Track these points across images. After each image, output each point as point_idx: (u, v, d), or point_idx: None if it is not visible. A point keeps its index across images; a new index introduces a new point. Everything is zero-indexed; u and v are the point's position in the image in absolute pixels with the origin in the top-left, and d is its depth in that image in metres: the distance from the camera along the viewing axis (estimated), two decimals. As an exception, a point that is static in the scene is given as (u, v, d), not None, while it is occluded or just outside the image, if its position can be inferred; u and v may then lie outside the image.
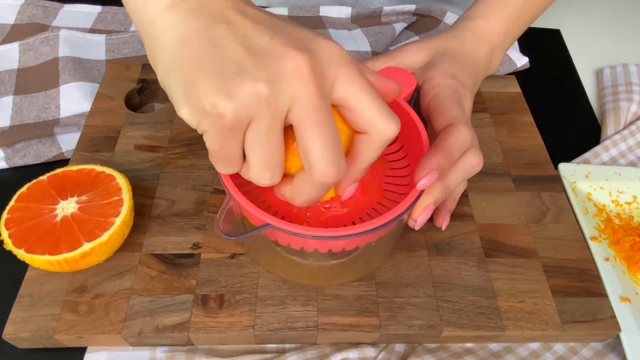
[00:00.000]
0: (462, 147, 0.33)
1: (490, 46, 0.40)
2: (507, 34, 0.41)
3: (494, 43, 0.40)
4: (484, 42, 0.40)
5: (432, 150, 0.31)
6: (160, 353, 0.36)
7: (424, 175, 0.30)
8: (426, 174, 0.30)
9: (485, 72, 0.41)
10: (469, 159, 0.34)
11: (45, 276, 0.36)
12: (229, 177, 0.29)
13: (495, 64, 0.42)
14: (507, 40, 0.41)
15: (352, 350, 0.36)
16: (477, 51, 0.39)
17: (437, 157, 0.31)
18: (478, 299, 0.37)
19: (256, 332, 0.35)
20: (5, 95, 0.51)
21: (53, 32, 0.54)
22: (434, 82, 0.36)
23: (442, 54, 0.38)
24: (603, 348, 0.38)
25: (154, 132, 0.46)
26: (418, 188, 0.30)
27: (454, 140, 0.32)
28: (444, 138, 0.32)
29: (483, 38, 0.40)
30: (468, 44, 0.39)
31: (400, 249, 0.40)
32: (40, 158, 0.46)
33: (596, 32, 0.69)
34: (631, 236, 0.43)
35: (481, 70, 0.40)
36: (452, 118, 0.33)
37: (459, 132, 0.32)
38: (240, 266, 0.38)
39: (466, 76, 0.37)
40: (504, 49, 0.41)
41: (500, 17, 0.40)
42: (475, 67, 0.39)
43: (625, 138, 0.52)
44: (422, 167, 0.30)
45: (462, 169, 0.34)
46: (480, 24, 0.40)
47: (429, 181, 0.30)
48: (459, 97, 0.35)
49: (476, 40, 0.40)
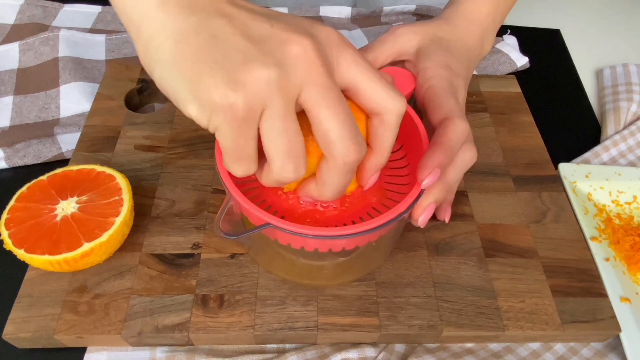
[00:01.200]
0: (460, 141, 0.33)
1: (481, 30, 0.40)
2: (495, 14, 0.41)
3: (483, 26, 0.40)
4: (475, 27, 0.40)
5: (432, 148, 0.31)
6: (160, 353, 0.36)
7: (427, 174, 0.30)
8: (429, 172, 0.30)
9: (477, 57, 0.41)
10: (464, 153, 0.34)
11: (45, 276, 0.36)
12: (229, 177, 0.29)
13: (487, 47, 0.42)
14: (496, 21, 0.41)
15: (352, 350, 0.36)
16: (469, 37, 0.39)
17: (438, 154, 0.31)
18: (478, 299, 0.37)
19: (256, 332, 0.35)
20: (5, 95, 0.51)
21: (53, 32, 0.54)
22: (428, 74, 0.36)
23: (435, 42, 0.38)
24: (603, 348, 0.38)
25: (154, 132, 0.46)
26: (422, 187, 0.30)
27: (452, 135, 0.32)
28: (442, 134, 0.32)
29: (473, 22, 0.40)
30: (460, 30, 0.39)
31: (400, 249, 0.40)
32: (40, 158, 0.46)
33: (596, 32, 0.69)
34: (631, 236, 0.43)
35: (474, 56, 0.40)
36: (448, 111, 0.33)
37: (456, 126, 0.32)
38: (240, 266, 0.38)
39: (460, 66, 0.37)
40: (494, 30, 0.42)
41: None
42: (468, 54, 0.39)
43: (625, 138, 0.52)
44: (425, 166, 0.30)
45: (460, 165, 0.34)
46: (469, 7, 0.40)
47: (432, 179, 0.30)
48: (453, 88, 0.35)
49: (467, 25, 0.40)
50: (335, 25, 0.61)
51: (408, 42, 0.38)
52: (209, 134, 0.47)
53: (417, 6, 0.61)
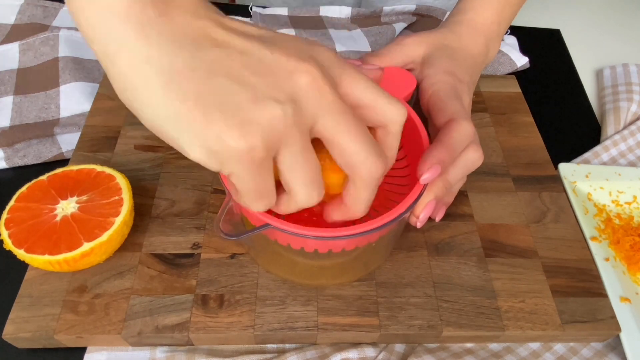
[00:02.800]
0: (464, 141, 0.33)
1: (486, 38, 0.40)
2: (500, 21, 0.41)
3: (488, 34, 0.40)
4: (480, 35, 0.40)
5: (434, 145, 0.31)
6: (160, 353, 0.36)
7: (427, 169, 0.30)
8: (429, 167, 0.30)
9: (483, 63, 0.41)
10: (469, 154, 0.34)
11: (45, 276, 0.36)
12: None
13: (492, 54, 0.42)
14: (501, 28, 0.42)
15: (352, 350, 0.36)
16: (474, 45, 0.40)
17: (439, 150, 0.31)
18: (478, 299, 0.37)
19: (256, 332, 0.35)
20: (5, 95, 0.51)
21: (53, 32, 0.54)
22: (432, 80, 0.36)
23: (440, 49, 0.38)
24: (603, 348, 0.38)
25: (154, 132, 0.46)
26: (421, 182, 0.30)
27: (455, 134, 0.32)
28: (446, 133, 0.32)
29: (477, 30, 0.40)
30: (464, 39, 0.39)
31: (400, 249, 0.40)
32: (40, 158, 0.46)
33: (596, 32, 0.69)
34: (631, 236, 0.43)
35: (478, 64, 0.40)
36: (453, 113, 0.33)
37: (460, 126, 0.32)
38: (240, 266, 0.38)
39: (463, 72, 0.38)
40: (499, 36, 0.42)
41: (490, 6, 0.40)
42: (473, 61, 0.39)
43: (625, 138, 0.52)
44: (425, 161, 0.30)
45: (463, 165, 0.34)
46: (473, 17, 0.40)
47: (431, 175, 0.30)
48: (457, 92, 0.35)
49: (472, 34, 0.40)
50: (335, 25, 0.61)
51: (414, 51, 0.39)
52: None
53: (417, 6, 0.61)
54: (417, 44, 0.39)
